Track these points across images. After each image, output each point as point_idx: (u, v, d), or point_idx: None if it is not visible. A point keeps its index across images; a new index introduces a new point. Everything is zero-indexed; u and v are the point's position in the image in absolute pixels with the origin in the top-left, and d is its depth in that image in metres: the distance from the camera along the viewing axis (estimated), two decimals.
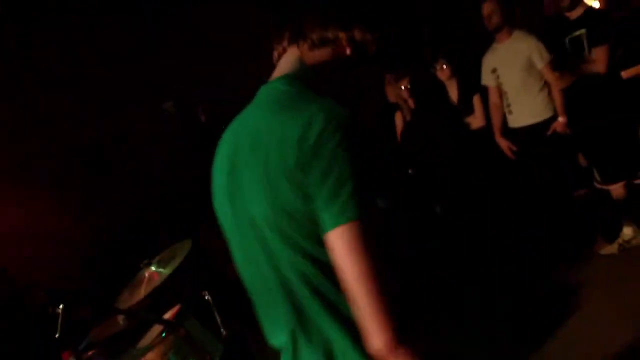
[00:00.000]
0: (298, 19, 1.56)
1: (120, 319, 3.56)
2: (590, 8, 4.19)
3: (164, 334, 3.19)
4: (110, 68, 5.74)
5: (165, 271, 3.40)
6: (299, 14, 1.55)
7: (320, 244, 1.31)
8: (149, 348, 3.12)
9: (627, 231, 4.33)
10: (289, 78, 1.52)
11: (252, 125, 1.47)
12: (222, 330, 3.61)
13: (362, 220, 1.25)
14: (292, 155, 1.30)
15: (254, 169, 1.40)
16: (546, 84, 4.34)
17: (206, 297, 3.64)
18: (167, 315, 3.38)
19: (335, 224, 1.26)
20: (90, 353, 2.95)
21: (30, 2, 5.27)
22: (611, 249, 4.36)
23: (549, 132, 4.37)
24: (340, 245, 1.26)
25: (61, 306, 2.27)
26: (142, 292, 3.51)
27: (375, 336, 1.26)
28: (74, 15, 5.47)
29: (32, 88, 5.52)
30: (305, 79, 1.51)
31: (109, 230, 6.22)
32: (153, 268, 3.57)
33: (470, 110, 4.90)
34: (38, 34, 5.35)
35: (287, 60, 1.59)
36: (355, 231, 1.25)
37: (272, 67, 1.61)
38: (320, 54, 1.55)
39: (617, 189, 4.30)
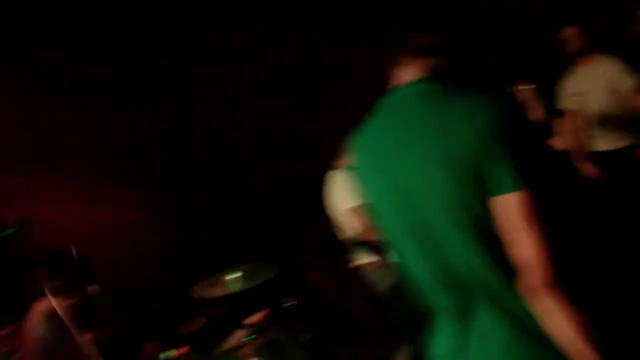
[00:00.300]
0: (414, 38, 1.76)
1: (202, 320, 3.65)
2: None
3: (249, 337, 3.23)
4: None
5: (241, 286, 3.45)
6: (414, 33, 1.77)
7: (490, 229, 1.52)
8: (233, 349, 3.16)
9: None
10: (429, 80, 1.68)
11: (413, 120, 1.60)
12: (304, 337, 3.62)
13: (532, 191, 1.48)
14: (473, 140, 1.49)
15: (428, 160, 1.56)
16: (631, 109, 4.19)
17: (292, 304, 3.66)
18: (254, 319, 3.41)
19: (514, 189, 1.46)
20: (179, 350, 3.00)
21: None
22: None
23: (633, 158, 4.22)
24: (517, 204, 1.47)
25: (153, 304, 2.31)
26: (217, 292, 3.55)
27: (535, 271, 1.45)
28: None
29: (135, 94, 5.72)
30: (440, 80, 1.67)
31: (196, 232, 6.36)
32: (234, 276, 3.61)
33: (550, 133, 4.78)
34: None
35: (409, 70, 1.73)
36: (529, 197, 1.47)
37: None
38: (435, 61, 1.71)
39: None
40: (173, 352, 2.88)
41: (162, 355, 2.76)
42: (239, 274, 3.58)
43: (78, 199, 6.44)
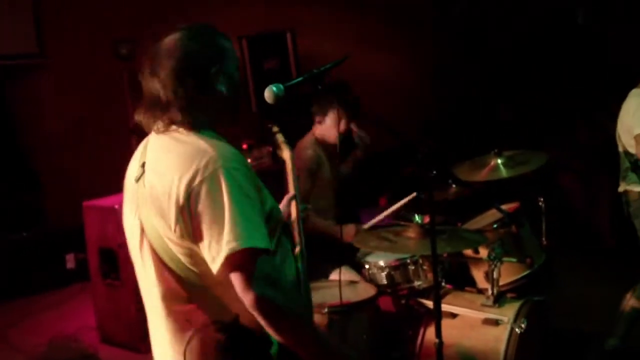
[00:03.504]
0: None
1: (453, 191, 3.80)
2: None
3: (495, 225, 3.35)
4: None
5: (508, 172, 3.51)
6: None
7: None
8: (480, 230, 3.31)
9: None
10: None
11: None
12: (544, 239, 3.65)
13: None
14: None
15: None
16: None
17: (540, 204, 3.67)
18: (507, 207, 3.50)
19: None
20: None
21: None
22: None
23: None
24: None
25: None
26: (482, 176, 3.67)
27: None
28: None
29: None
30: None
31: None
32: (499, 161, 3.68)
33: None
34: None
35: None
36: None
37: None
38: None
39: None
40: (423, 217, 3.10)
41: (417, 218, 2.99)
42: (503, 159, 3.64)
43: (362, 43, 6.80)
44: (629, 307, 3.72)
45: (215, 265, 1.64)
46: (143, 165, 1.83)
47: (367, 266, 3.36)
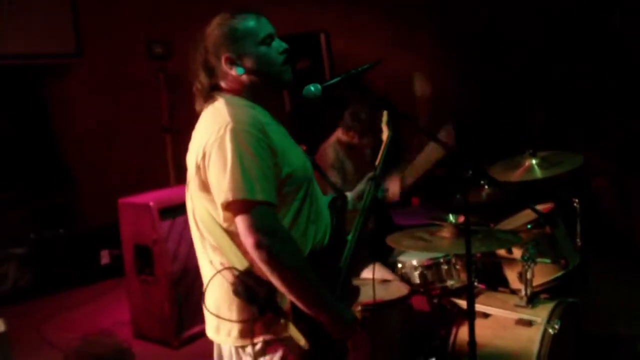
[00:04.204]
0: None
1: (486, 192, 3.80)
2: None
3: (530, 225, 3.33)
4: None
5: (543, 173, 3.49)
6: None
7: None
8: (510, 231, 3.30)
9: None
10: None
11: None
12: (578, 240, 3.63)
13: None
14: None
15: None
16: None
17: (575, 205, 3.64)
18: (542, 208, 3.48)
19: None
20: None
21: None
22: None
23: None
24: None
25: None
26: (516, 177, 3.65)
27: None
28: None
29: None
30: None
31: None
32: (534, 162, 3.66)
33: None
34: None
35: None
36: None
37: None
38: None
39: None
40: (457, 217, 3.09)
41: (451, 217, 2.99)
42: (538, 160, 3.61)
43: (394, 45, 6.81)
44: None
45: (220, 212, 1.91)
46: None
47: (400, 265, 3.38)
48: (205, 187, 1.94)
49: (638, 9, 5.99)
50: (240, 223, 1.85)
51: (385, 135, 2.49)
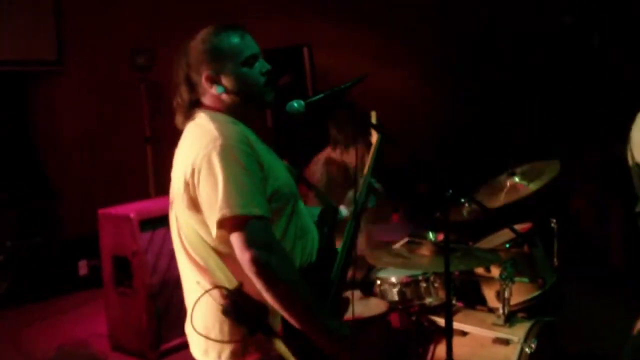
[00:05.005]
0: None
1: (467, 210, 3.82)
2: None
3: (508, 245, 3.36)
4: None
5: (531, 186, 3.51)
6: None
7: None
8: (492, 249, 3.32)
9: None
10: None
11: None
12: (555, 260, 3.65)
13: None
14: None
15: None
16: None
17: (553, 225, 3.67)
18: (520, 227, 3.51)
19: None
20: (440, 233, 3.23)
21: None
22: None
23: None
24: None
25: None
26: (502, 199, 3.66)
27: None
28: None
29: None
30: None
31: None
32: (517, 179, 3.68)
33: None
34: None
35: None
36: None
37: None
38: None
39: None
40: (436, 235, 3.12)
41: (431, 235, 3.01)
42: (519, 177, 3.62)
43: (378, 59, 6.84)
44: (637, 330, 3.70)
45: (213, 230, 1.85)
46: None
47: (378, 282, 3.39)
48: (194, 205, 1.91)
49: (619, 25, 6.07)
50: (236, 240, 1.82)
51: (374, 138, 2.45)
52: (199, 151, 1.87)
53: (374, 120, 2.47)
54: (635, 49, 5.82)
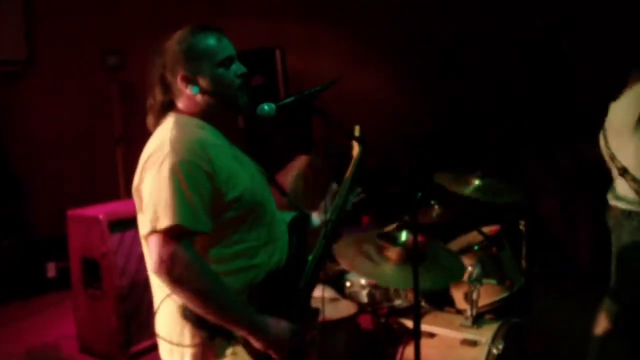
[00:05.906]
0: None
1: (436, 212, 3.85)
2: None
3: (476, 247, 3.40)
4: None
5: (482, 197, 3.55)
6: None
7: None
8: (459, 252, 3.36)
9: None
10: None
11: None
12: (523, 262, 3.70)
13: None
14: None
15: None
16: None
17: (521, 227, 3.71)
18: (488, 230, 3.55)
19: None
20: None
21: None
22: None
23: None
24: None
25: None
26: (460, 189, 3.65)
27: None
28: None
29: None
30: None
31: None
32: (477, 182, 3.69)
33: None
34: None
35: None
36: None
37: None
38: None
39: None
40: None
41: (402, 237, 3.00)
42: (484, 182, 3.64)
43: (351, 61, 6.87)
44: (599, 329, 3.76)
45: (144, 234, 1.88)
46: None
47: (348, 284, 3.40)
48: (140, 210, 1.94)
49: (588, 31, 6.16)
50: (150, 245, 1.84)
51: (355, 150, 2.46)
52: (147, 158, 1.91)
53: (357, 133, 2.48)
54: (603, 52, 5.92)
